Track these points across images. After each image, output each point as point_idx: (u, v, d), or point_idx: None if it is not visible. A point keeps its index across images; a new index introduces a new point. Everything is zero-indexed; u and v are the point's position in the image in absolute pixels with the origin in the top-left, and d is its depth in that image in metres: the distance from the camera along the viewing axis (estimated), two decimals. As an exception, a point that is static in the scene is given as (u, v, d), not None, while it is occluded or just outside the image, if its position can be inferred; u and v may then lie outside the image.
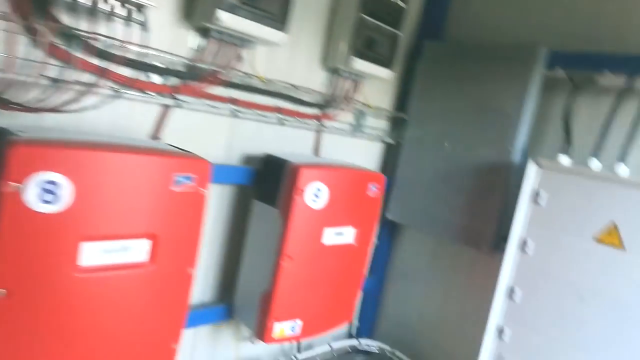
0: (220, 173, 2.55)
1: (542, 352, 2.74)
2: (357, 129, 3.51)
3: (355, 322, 4.06)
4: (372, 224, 3.10)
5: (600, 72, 2.96)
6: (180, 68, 2.38)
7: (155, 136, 2.39)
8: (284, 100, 2.95)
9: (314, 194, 2.60)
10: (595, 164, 2.75)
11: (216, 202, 2.77)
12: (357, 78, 3.21)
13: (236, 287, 2.86)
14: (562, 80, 3.13)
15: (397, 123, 3.79)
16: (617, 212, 2.53)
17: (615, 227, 2.53)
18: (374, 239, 3.18)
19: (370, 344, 3.79)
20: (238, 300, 2.85)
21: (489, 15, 3.60)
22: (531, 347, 2.79)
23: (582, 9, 3.19)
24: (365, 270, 3.17)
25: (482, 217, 3.26)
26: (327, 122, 3.27)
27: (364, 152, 3.74)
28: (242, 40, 2.47)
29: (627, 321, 2.46)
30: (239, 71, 2.57)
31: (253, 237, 2.79)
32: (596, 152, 2.77)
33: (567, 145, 3.03)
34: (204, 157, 2.09)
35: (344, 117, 3.39)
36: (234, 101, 2.63)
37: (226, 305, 2.87)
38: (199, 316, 2.77)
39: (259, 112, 2.79)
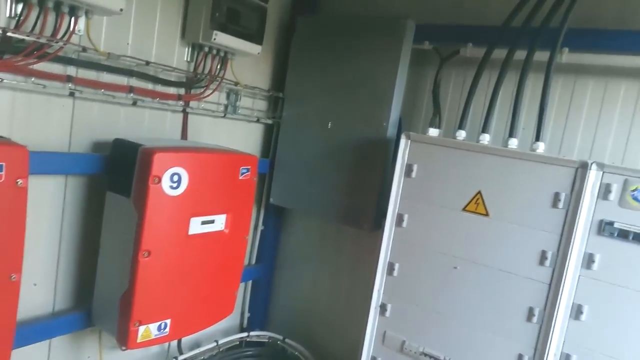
0: (58, 162, 2.22)
1: (421, 323, 2.75)
2: (231, 110, 3.30)
3: (247, 314, 3.90)
4: (246, 209, 2.92)
5: (464, 44, 3.02)
6: (-7, 40, 2.01)
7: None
8: (140, 80, 2.65)
9: (173, 181, 2.36)
10: (461, 135, 2.78)
11: (59, 195, 2.43)
12: (224, 54, 2.98)
13: (93, 290, 2.54)
14: (431, 52, 3.15)
15: (277, 103, 3.63)
16: (481, 180, 2.58)
17: (481, 196, 2.58)
18: (250, 225, 3.01)
19: (260, 335, 3.64)
20: (96, 305, 2.54)
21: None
22: (411, 319, 2.79)
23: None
24: (243, 258, 2.98)
25: (362, 196, 3.22)
26: (194, 103, 3.01)
27: (243, 135, 3.54)
28: (72, 8, 2.14)
29: (495, 284, 2.53)
30: (72, 44, 2.22)
31: (108, 232, 2.49)
32: (462, 123, 2.81)
33: (436, 117, 3.06)
34: (37, 144, 1.77)
35: (215, 98, 3.16)
36: (70, 79, 2.29)
37: (84, 311, 2.55)
38: (50, 328, 2.44)
39: (107, 92, 2.47)
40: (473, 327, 2.60)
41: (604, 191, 2.27)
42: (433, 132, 2.83)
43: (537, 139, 2.56)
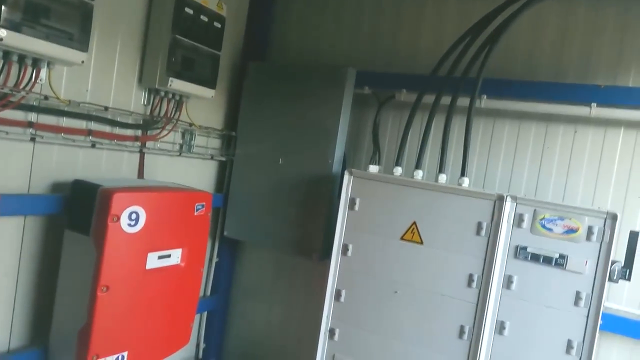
0: (15, 203, 2.33)
1: (366, 344, 2.97)
2: (186, 148, 3.48)
3: (202, 345, 3.99)
4: (201, 243, 3.08)
5: (399, 90, 3.37)
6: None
7: None
8: (98, 123, 2.81)
9: (131, 219, 2.51)
10: (398, 171, 3.08)
11: (18, 235, 2.52)
12: (179, 98, 3.19)
13: (51, 327, 2.62)
14: (370, 97, 3.49)
15: (230, 141, 3.84)
16: (416, 212, 2.87)
17: (416, 226, 2.87)
18: (205, 258, 3.16)
19: (216, 365, 3.74)
20: (53, 341, 2.62)
21: (307, 39, 3.87)
22: (358, 341, 3.01)
23: (382, 38, 3.62)
24: (198, 290, 3.13)
25: (311, 228, 3.45)
26: (150, 144, 3.18)
27: (198, 172, 3.72)
28: (35, 60, 2.30)
29: (430, 305, 2.79)
30: (34, 93, 2.38)
31: (66, 269, 2.59)
32: (399, 160, 3.11)
33: (376, 155, 3.37)
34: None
35: (171, 138, 3.34)
36: (31, 125, 2.43)
37: (40, 348, 2.61)
38: (5, 366, 2.48)
39: (66, 135, 2.61)
40: (413, 346, 2.84)
41: (518, 220, 2.61)
42: (373, 168, 3.12)
43: (463, 174, 2.89)
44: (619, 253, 2.64)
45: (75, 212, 2.57)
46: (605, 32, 2.96)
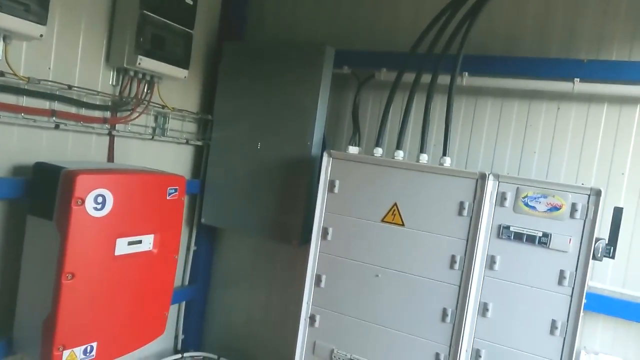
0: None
1: (348, 330, 2.89)
2: (159, 132, 3.35)
3: (181, 335, 3.88)
4: (175, 229, 2.96)
5: (379, 69, 3.27)
6: None
7: None
8: (63, 103, 2.67)
9: (96, 202, 2.38)
10: (378, 152, 2.99)
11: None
12: (150, 78, 3.05)
13: (15, 317, 2.49)
14: (349, 77, 3.39)
15: (206, 124, 3.72)
16: (397, 193, 2.79)
17: (397, 207, 2.79)
18: (180, 245, 3.03)
19: (195, 356, 3.64)
20: (18, 331, 2.49)
21: (284, 17, 3.75)
22: (339, 327, 2.92)
23: (361, 15, 3.51)
24: (173, 278, 3.01)
25: (291, 212, 3.35)
26: (121, 126, 3.05)
27: (173, 157, 3.59)
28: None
29: (412, 288, 2.72)
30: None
31: (29, 256, 2.46)
32: (379, 141, 3.02)
33: (356, 136, 3.27)
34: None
35: (143, 121, 3.21)
36: (-14, 104, 2.29)
37: (3, 339, 2.48)
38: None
39: (27, 115, 2.47)
40: (395, 331, 2.77)
41: (500, 199, 2.54)
42: (353, 149, 3.03)
43: (445, 154, 2.81)
44: (603, 231, 2.58)
45: (38, 196, 2.43)
46: (588, 4, 2.89)
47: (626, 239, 2.74)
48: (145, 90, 3.06)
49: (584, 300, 2.37)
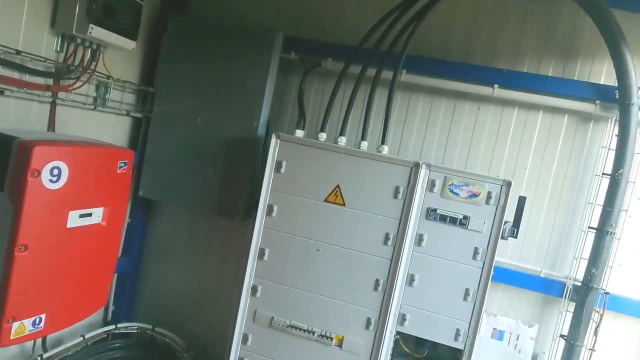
0: None
1: (288, 300, 3.13)
2: (100, 102, 3.27)
3: (112, 307, 3.87)
4: (122, 203, 2.97)
5: (325, 58, 3.48)
6: None
7: None
8: (6, 68, 2.53)
9: (52, 174, 2.35)
10: (322, 137, 3.23)
11: None
12: (97, 47, 2.97)
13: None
14: (296, 62, 3.56)
15: (146, 97, 3.67)
16: (339, 176, 3.06)
17: (339, 189, 3.06)
18: (124, 217, 3.05)
19: (129, 326, 3.66)
20: (-39, 305, 2.39)
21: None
22: (280, 297, 3.16)
23: (309, 5, 3.66)
24: (117, 250, 3.03)
25: (233, 189, 3.48)
26: (63, 95, 2.94)
27: (112, 128, 3.52)
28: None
29: (349, 262, 3.02)
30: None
31: (-24, 228, 2.36)
32: (323, 126, 3.26)
33: (301, 120, 3.48)
34: None
35: (85, 90, 3.11)
36: None
37: (-55, 313, 2.37)
38: None
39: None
40: (332, 299, 3.07)
41: (430, 185, 2.92)
42: (299, 133, 3.23)
43: (383, 142, 3.13)
44: (508, 215, 3.09)
45: (-15, 166, 2.33)
46: (508, 22, 3.35)
47: (524, 222, 3.28)
48: (90, 59, 2.97)
49: (491, 272, 2.86)
